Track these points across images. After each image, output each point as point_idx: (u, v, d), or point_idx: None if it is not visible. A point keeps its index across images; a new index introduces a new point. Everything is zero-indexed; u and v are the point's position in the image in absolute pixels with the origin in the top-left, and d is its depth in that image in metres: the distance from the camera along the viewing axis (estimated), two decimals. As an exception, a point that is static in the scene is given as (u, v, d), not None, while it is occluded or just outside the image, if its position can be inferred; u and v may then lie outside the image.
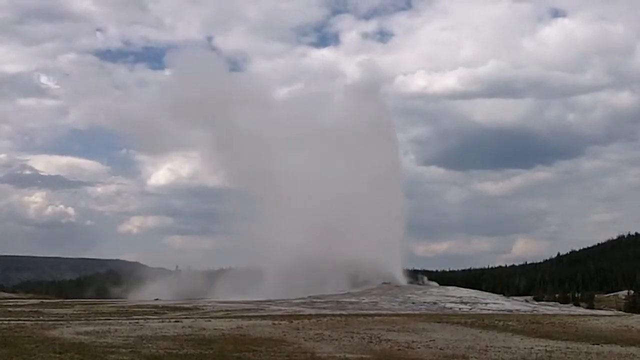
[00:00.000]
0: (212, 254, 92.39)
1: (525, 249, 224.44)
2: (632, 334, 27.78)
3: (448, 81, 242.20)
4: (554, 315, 47.00)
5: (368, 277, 79.47)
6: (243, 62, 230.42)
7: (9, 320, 30.54)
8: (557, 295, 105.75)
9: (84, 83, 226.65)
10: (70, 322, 30.01)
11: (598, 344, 22.04)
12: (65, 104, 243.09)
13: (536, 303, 77.11)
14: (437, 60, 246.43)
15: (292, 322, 29.97)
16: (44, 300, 64.72)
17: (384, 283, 77.60)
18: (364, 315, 37.71)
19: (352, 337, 22.84)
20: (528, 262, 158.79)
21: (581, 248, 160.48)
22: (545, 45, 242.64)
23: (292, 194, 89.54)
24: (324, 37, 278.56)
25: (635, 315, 42.72)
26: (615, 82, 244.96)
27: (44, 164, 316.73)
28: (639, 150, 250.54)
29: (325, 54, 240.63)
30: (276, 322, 30.01)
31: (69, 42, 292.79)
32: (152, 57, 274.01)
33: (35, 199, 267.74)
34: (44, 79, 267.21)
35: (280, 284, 76.68)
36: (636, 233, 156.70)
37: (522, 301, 76.22)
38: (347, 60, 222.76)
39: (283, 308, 50.79)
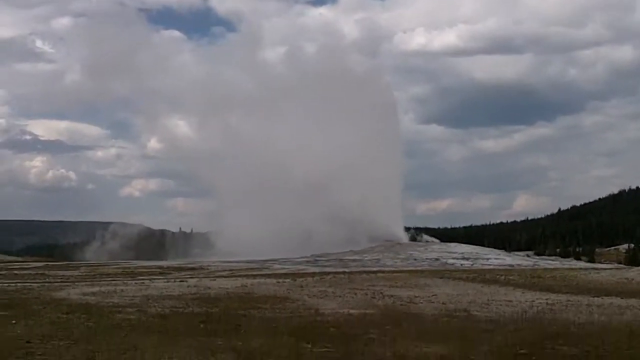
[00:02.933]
0: (214, 216, 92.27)
1: (527, 205, 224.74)
2: (632, 286, 28.06)
3: (448, 38, 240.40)
4: (555, 269, 47.41)
5: (369, 236, 79.90)
6: (239, 22, 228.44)
7: (15, 282, 30.83)
8: (558, 250, 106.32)
9: (80, 46, 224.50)
10: (76, 283, 30.30)
11: (599, 297, 22.28)
12: (62, 68, 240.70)
13: (537, 258, 77.72)
14: (437, 17, 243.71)
15: (295, 280, 30.25)
16: (49, 263, 65.15)
17: (386, 241, 78.04)
18: (367, 272, 38.04)
19: (355, 294, 23.09)
20: (529, 218, 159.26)
21: (582, 203, 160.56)
22: (545, 1, 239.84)
23: (289, 153, 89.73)
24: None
25: (635, 268, 43.01)
26: (616, 37, 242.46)
27: (43, 128, 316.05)
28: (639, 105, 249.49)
29: (323, 12, 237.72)
30: (280, 280, 30.29)
31: (63, 5, 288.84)
32: (149, 19, 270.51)
33: (36, 164, 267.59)
34: (39, 43, 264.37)
35: (283, 244, 77.09)
36: (637, 187, 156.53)
37: (523, 256, 76.80)
38: (346, 18, 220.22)
39: (286, 267, 51.21)
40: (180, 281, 30.39)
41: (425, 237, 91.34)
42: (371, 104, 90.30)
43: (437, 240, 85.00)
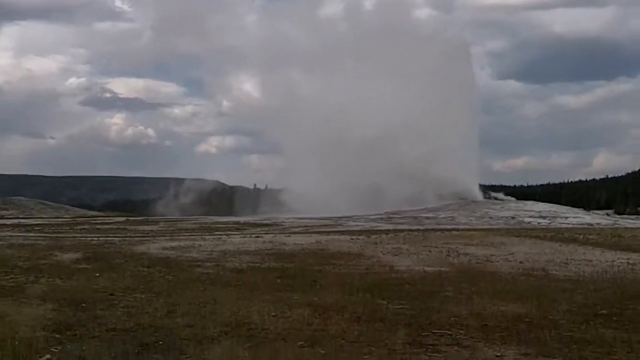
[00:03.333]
0: (283, 173, 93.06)
1: (607, 163, 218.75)
2: None
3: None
4: (636, 228, 46.13)
5: (444, 193, 79.27)
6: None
7: (98, 237, 31.85)
8: (639, 209, 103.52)
9: (158, 5, 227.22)
10: (156, 238, 31.05)
11: (683, 256, 21.62)
12: (139, 27, 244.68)
13: (617, 216, 75.83)
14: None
15: (369, 237, 30.29)
16: (129, 218, 67.01)
17: (461, 199, 77.36)
18: (442, 230, 37.78)
19: (430, 251, 22.99)
20: (609, 176, 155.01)
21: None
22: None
23: (353, 108, 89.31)
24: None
25: None
26: None
27: (122, 86, 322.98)
28: None
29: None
30: (354, 237, 30.38)
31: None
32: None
33: (116, 121, 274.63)
34: (118, 2, 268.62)
35: (352, 201, 77.23)
36: None
37: (602, 215, 74.99)
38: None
39: (360, 224, 51.32)
40: (256, 237, 30.82)
41: (494, 194, 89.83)
42: (443, 57, 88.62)
43: (513, 199, 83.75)
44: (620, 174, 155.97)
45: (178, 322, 9.11)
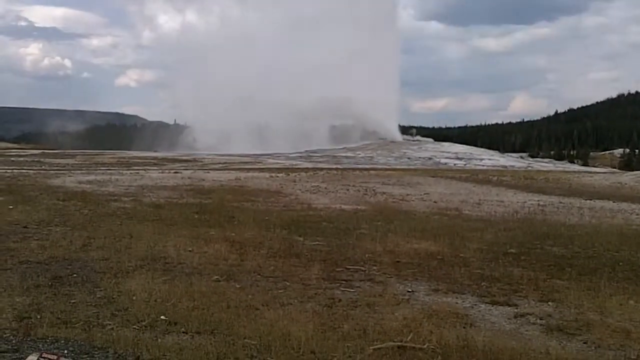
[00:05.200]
0: (210, 108, 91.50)
1: (523, 106, 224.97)
2: (625, 190, 28.29)
3: None
4: (548, 171, 47.70)
5: (364, 132, 79.90)
6: None
7: (12, 169, 30.93)
8: (552, 153, 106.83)
9: None
10: (72, 171, 30.40)
11: (591, 200, 22.48)
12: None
13: (531, 159, 78.16)
14: None
15: (289, 174, 30.41)
16: (45, 151, 65.24)
17: (380, 139, 78.17)
18: (360, 170, 38.22)
19: (347, 190, 23.27)
20: (525, 120, 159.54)
21: (579, 106, 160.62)
22: None
23: (284, 43, 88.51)
24: None
25: (629, 173, 43.29)
26: None
27: (38, 15, 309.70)
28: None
29: None
30: (273, 174, 30.45)
31: None
32: None
33: (32, 51, 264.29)
34: None
35: (277, 138, 77.15)
36: (636, 92, 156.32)
37: (517, 158, 77.17)
38: None
39: (280, 161, 51.42)
40: (175, 172, 30.55)
41: (414, 133, 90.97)
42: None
43: (430, 139, 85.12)
44: (535, 118, 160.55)
45: (93, 256, 8.99)
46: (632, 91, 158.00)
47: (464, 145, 76.36)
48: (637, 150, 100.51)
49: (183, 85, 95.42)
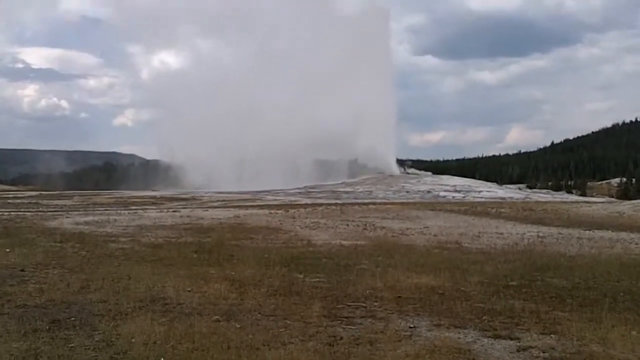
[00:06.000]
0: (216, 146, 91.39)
1: (520, 138, 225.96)
2: (623, 219, 28.25)
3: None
4: (547, 202, 47.70)
5: (362, 166, 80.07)
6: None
7: (9, 211, 30.84)
8: (550, 183, 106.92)
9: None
10: (70, 212, 30.35)
11: (589, 230, 22.44)
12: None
13: (529, 190, 78.21)
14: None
15: (288, 211, 30.38)
16: (42, 192, 65.17)
17: (379, 173, 78.31)
18: (359, 204, 38.20)
19: (347, 225, 23.22)
20: (522, 151, 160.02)
21: (575, 136, 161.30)
22: None
23: (295, 79, 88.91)
24: None
25: (627, 202, 43.32)
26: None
27: (35, 56, 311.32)
28: (637, 38, 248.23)
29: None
30: (272, 211, 30.41)
31: None
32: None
33: (29, 92, 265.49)
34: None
35: (283, 174, 77.20)
36: (630, 121, 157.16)
37: (515, 189, 77.20)
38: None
39: (279, 198, 51.40)
40: (173, 211, 30.50)
41: (411, 170, 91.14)
42: (361, 33, 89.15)
43: (429, 173, 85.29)
44: (532, 149, 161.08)
45: (91, 298, 8.93)
46: (627, 120, 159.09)
47: (462, 178, 76.49)
48: (633, 180, 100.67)
49: (173, 124, 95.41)
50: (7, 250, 14.33)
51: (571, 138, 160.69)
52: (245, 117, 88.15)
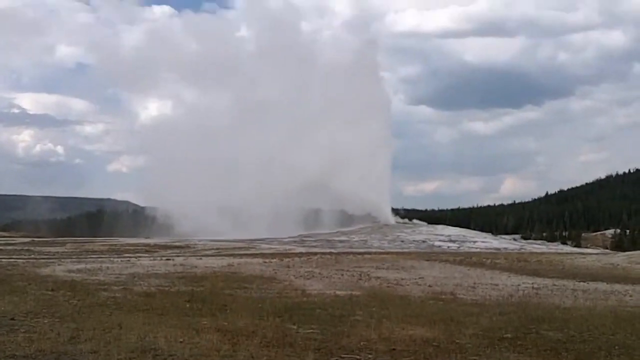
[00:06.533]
0: (211, 194, 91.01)
1: (514, 188, 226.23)
2: (618, 271, 28.20)
3: (439, 19, 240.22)
4: (541, 253, 47.62)
5: (357, 216, 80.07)
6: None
7: (0, 258, 30.64)
8: (544, 234, 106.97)
9: (72, 20, 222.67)
10: (62, 260, 30.17)
11: (584, 281, 22.39)
12: (53, 41, 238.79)
13: (524, 241, 78.06)
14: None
15: (282, 260, 30.26)
16: (35, 239, 64.86)
17: (374, 222, 78.29)
18: (354, 254, 38.07)
19: (342, 275, 23.11)
20: (516, 201, 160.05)
21: (569, 187, 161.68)
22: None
23: (278, 127, 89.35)
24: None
25: (621, 253, 43.26)
26: (607, 22, 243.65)
27: (31, 102, 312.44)
28: (629, 91, 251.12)
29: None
30: (267, 260, 30.28)
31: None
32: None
33: (24, 138, 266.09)
34: (30, 15, 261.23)
35: (270, 223, 77.11)
36: (624, 173, 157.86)
37: (510, 239, 77.12)
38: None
39: (274, 246, 51.20)
40: (167, 259, 30.34)
41: (398, 219, 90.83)
42: (356, 83, 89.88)
43: (424, 223, 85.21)
44: (526, 200, 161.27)
45: (81, 348, 8.81)
46: (620, 172, 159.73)
47: (457, 228, 76.44)
48: (627, 231, 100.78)
49: (161, 172, 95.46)
50: (-3, 298, 14.19)
51: (565, 189, 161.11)
52: (231, 165, 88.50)
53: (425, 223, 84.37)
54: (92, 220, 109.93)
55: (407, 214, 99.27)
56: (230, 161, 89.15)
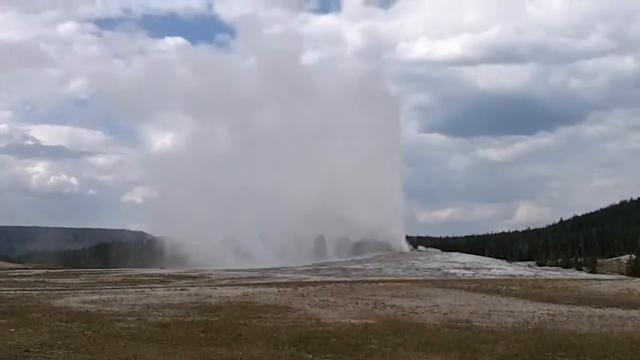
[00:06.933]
0: (217, 224, 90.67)
1: (528, 215, 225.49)
2: (634, 297, 27.94)
3: (451, 47, 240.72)
4: (557, 279, 47.24)
5: (371, 244, 79.91)
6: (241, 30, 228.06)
7: (15, 290, 30.75)
8: (559, 260, 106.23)
9: (84, 52, 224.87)
10: (76, 291, 30.23)
11: (600, 308, 22.20)
12: (66, 73, 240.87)
13: (539, 268, 77.50)
14: (440, 26, 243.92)
15: (297, 289, 30.18)
16: (49, 270, 64.96)
17: (388, 250, 78.12)
18: (369, 282, 37.94)
19: (357, 303, 23.02)
20: (531, 228, 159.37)
21: (584, 213, 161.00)
22: (548, 10, 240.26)
23: (291, 158, 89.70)
24: (326, 4, 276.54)
25: (637, 279, 42.98)
26: (619, 48, 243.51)
27: (45, 134, 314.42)
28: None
29: (326, 21, 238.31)
30: (281, 289, 30.22)
31: (68, 10, 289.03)
32: (152, 25, 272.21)
33: (38, 170, 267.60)
34: (43, 48, 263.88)
35: (284, 252, 77.11)
36: (638, 198, 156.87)
37: (525, 266, 76.67)
38: (349, 26, 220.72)
39: (288, 275, 51.08)
40: (181, 289, 30.32)
41: (420, 247, 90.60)
42: (371, 110, 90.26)
43: (438, 250, 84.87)
44: (541, 226, 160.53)
45: (97, 380, 8.84)
46: (635, 197, 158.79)
47: (472, 255, 76.07)
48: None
49: (170, 203, 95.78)
50: (12, 330, 14.24)
51: (580, 215, 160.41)
52: (236, 194, 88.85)
53: (439, 250, 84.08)
54: (106, 251, 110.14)
55: (421, 242, 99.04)
56: (236, 189, 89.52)
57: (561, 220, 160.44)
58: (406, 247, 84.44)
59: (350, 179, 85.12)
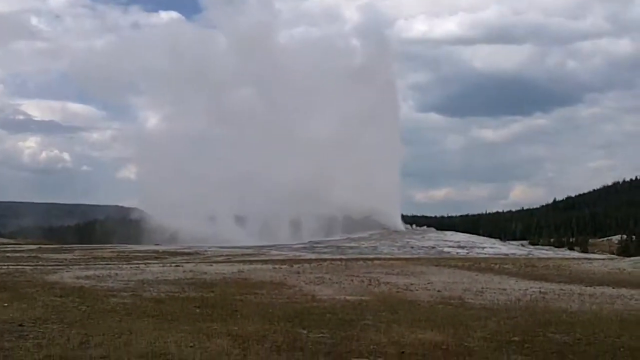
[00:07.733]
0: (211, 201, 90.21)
1: (522, 195, 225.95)
2: (624, 276, 28.16)
3: (448, 26, 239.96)
4: (549, 258, 47.58)
5: (366, 223, 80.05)
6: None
7: (7, 265, 30.63)
8: (552, 240, 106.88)
9: (76, 25, 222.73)
10: (70, 266, 30.22)
11: (591, 286, 22.36)
12: (57, 47, 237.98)
13: (531, 247, 77.98)
14: (438, 5, 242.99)
15: (292, 266, 30.28)
16: (42, 246, 64.90)
17: (383, 229, 78.33)
18: (364, 260, 38.05)
19: (352, 280, 23.13)
20: (524, 208, 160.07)
21: (577, 194, 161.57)
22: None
23: (287, 135, 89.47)
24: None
25: (627, 259, 43.20)
26: (615, 30, 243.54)
27: (37, 108, 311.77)
28: (637, 98, 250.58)
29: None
30: (277, 266, 30.33)
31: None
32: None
33: (30, 145, 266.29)
34: (34, 21, 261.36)
35: (280, 230, 77.28)
36: (631, 179, 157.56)
37: (518, 245, 77.09)
38: (347, 3, 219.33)
39: (284, 253, 51.27)
40: (176, 266, 30.37)
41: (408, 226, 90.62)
42: (371, 88, 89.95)
43: (433, 229, 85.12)
44: (535, 206, 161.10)
45: (91, 354, 8.88)
46: (628, 179, 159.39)
47: (466, 234, 76.48)
48: (634, 237, 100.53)
49: (155, 180, 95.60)
50: (5, 304, 14.21)
51: (573, 195, 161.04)
52: (229, 173, 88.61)
53: (434, 229, 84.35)
54: (103, 226, 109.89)
55: (416, 221, 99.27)
56: (229, 169, 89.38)
57: (554, 200, 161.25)
58: (401, 225, 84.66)
59: (343, 158, 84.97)
